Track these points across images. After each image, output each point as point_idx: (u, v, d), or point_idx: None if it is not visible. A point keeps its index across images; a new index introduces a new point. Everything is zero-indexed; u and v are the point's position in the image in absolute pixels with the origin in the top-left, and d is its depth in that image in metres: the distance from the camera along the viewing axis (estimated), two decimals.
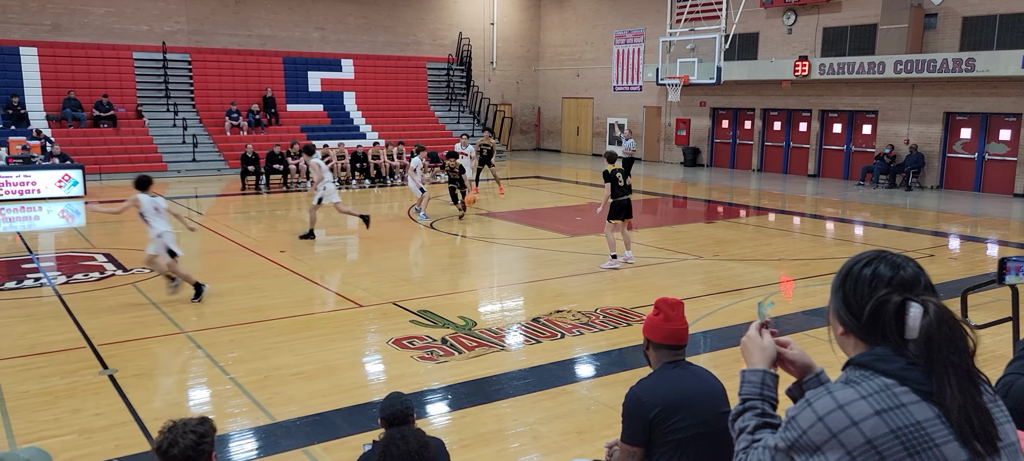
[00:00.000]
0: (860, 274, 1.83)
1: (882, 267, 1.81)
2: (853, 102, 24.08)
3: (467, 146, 19.44)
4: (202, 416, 3.04)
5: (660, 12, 26.17)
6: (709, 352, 7.85)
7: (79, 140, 22.60)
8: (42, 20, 24.53)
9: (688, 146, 28.87)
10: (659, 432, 3.17)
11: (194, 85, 26.42)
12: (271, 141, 22.93)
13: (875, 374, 1.75)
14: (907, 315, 1.75)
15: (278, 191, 20.63)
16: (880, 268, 1.81)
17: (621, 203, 11.56)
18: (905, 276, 1.80)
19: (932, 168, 22.32)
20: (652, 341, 3.35)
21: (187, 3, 26.71)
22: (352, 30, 29.84)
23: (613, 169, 11.55)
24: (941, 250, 13.81)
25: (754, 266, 12.10)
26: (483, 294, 10.48)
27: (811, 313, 9.19)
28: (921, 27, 21.90)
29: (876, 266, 1.82)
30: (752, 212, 18.29)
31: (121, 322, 8.71)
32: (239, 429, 5.99)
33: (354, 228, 14.96)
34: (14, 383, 6.80)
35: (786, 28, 25.42)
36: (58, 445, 5.58)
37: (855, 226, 16.49)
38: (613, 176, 11.48)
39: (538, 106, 35.36)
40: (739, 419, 2.02)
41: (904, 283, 1.79)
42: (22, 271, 11.16)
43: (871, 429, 1.68)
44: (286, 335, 8.29)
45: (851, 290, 1.84)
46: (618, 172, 11.57)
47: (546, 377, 7.14)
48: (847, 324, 1.85)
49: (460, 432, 5.94)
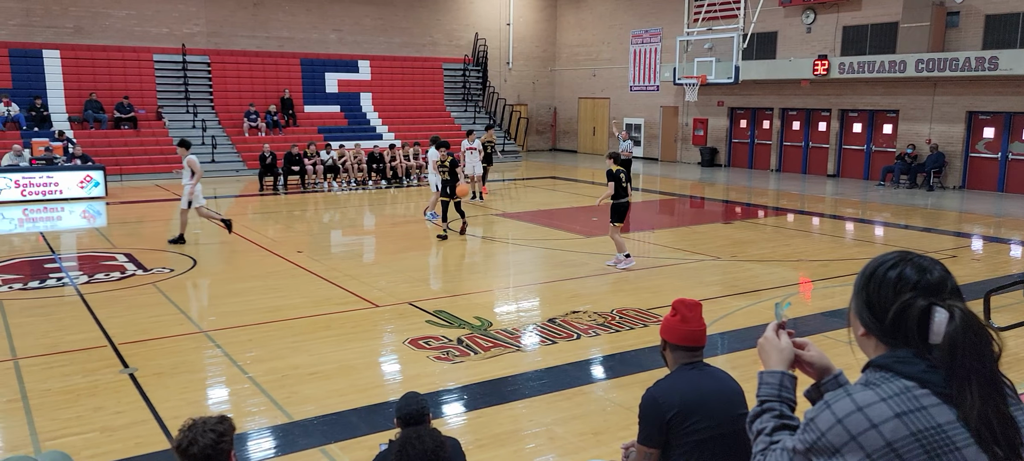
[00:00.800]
0: (885, 276, 1.80)
1: (908, 270, 1.79)
2: (873, 101, 23.87)
3: (474, 141, 19.10)
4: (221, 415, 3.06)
5: (677, 11, 26.06)
6: (727, 353, 7.81)
7: (100, 141, 22.84)
8: (65, 23, 24.82)
9: (706, 146, 28.73)
10: (676, 434, 3.15)
11: (213, 87, 26.62)
12: (289, 142, 23.06)
13: (895, 376, 1.73)
14: (932, 320, 1.73)
15: (296, 192, 20.75)
16: (906, 271, 1.79)
17: (623, 205, 11.59)
18: (932, 280, 1.77)
19: (954, 168, 22.08)
20: (669, 342, 3.33)
21: (206, 6, 26.92)
22: (369, 31, 29.95)
23: (617, 169, 11.57)
24: (963, 251, 13.66)
25: (772, 267, 12.03)
26: (499, 295, 10.49)
27: (830, 315, 9.12)
28: (943, 25, 21.67)
29: (902, 269, 1.79)
30: (770, 212, 18.18)
31: (141, 321, 8.79)
32: (257, 428, 6.02)
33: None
34: (37, 381, 6.88)
35: (805, 27, 25.25)
36: (79, 443, 5.64)
37: (875, 227, 16.35)
38: (617, 176, 11.50)
39: (554, 106, 35.32)
40: (757, 421, 2.01)
41: (930, 287, 1.76)
42: (45, 271, 11.29)
43: (891, 432, 1.66)
44: (303, 335, 8.34)
45: (875, 292, 1.81)
46: (621, 172, 11.59)
47: (562, 378, 7.13)
48: (869, 326, 1.83)
49: (476, 432, 5.94)
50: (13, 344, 7.93)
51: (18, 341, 8.03)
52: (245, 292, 10.16)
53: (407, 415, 3.72)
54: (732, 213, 18.24)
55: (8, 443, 5.76)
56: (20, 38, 24.12)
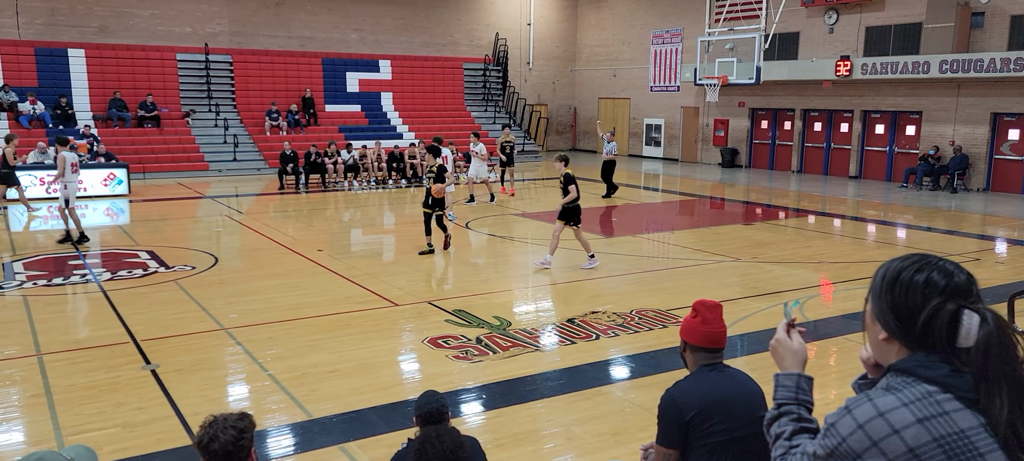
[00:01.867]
0: (911, 280, 1.77)
1: (935, 274, 1.76)
2: (896, 103, 23.62)
3: (478, 145, 18.52)
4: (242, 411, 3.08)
5: (698, 11, 25.93)
6: (747, 355, 7.76)
7: (124, 140, 23.09)
8: (90, 22, 25.13)
9: (726, 147, 28.57)
10: (695, 435, 3.14)
11: (235, 86, 26.84)
12: (310, 141, 23.20)
13: (917, 381, 1.72)
14: (961, 324, 1.71)
15: (317, 191, 20.87)
16: (933, 275, 1.76)
17: (577, 206, 11.48)
18: (958, 283, 1.75)
19: (978, 170, 21.81)
20: (689, 344, 3.33)
21: (229, 5, 27.14)
22: (390, 31, 30.06)
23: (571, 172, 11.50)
24: (987, 254, 13.49)
25: (793, 269, 11.94)
26: (518, 294, 10.49)
27: (851, 317, 9.04)
28: (968, 26, 21.41)
29: (929, 273, 1.76)
30: (791, 214, 18.04)
31: (163, 318, 8.88)
32: (277, 425, 6.06)
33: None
34: (61, 376, 6.97)
35: (827, 27, 25.03)
36: (102, 438, 5.71)
37: (898, 229, 16.18)
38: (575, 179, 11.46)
39: (574, 106, 35.27)
40: (775, 424, 1.99)
41: (957, 290, 1.74)
42: (69, 268, 11.43)
43: (913, 437, 1.64)
44: (323, 333, 8.38)
45: (901, 297, 1.77)
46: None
47: (581, 378, 7.12)
48: (893, 331, 1.80)
49: (494, 432, 5.95)
50: (37, 340, 8.04)
51: (42, 337, 8.13)
52: (266, 290, 10.23)
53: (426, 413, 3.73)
54: (752, 214, 18.12)
55: (32, 437, 5.84)
56: (46, 37, 24.45)
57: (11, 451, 5.61)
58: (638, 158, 31.86)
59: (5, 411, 6.36)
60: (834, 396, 6.49)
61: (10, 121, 22.26)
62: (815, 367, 7.42)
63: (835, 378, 7.11)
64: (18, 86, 23.11)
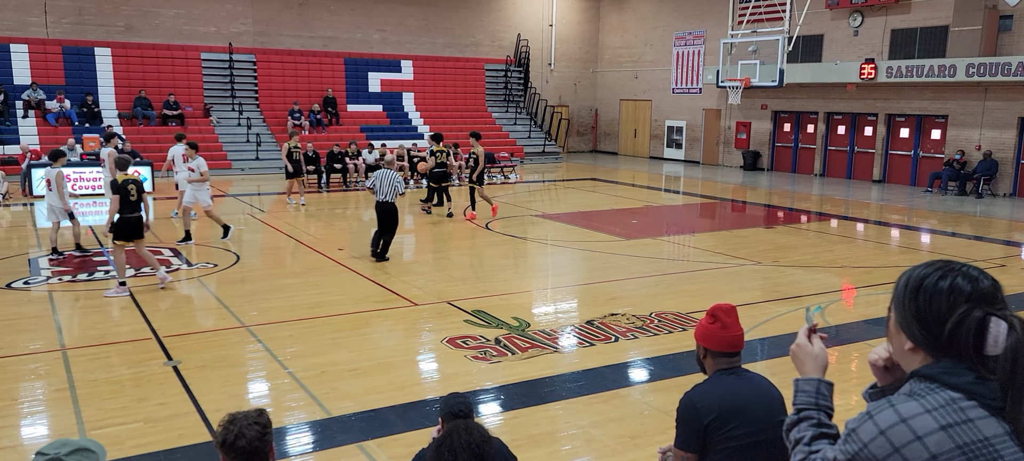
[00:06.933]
0: (936, 287, 1.74)
1: (959, 280, 1.73)
2: (922, 106, 23.35)
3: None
4: (259, 408, 3.09)
5: (721, 13, 25.78)
6: (766, 359, 7.70)
7: (149, 138, 23.35)
8: (116, 21, 25.44)
9: (748, 150, 28.38)
10: (714, 439, 3.12)
11: (258, 85, 27.04)
12: (332, 141, 23.31)
13: (941, 387, 1.69)
14: (988, 331, 1.68)
15: (338, 190, 20.97)
16: (957, 281, 1.73)
17: (131, 220, 9.66)
18: (984, 289, 1.71)
19: (1005, 175, 21.50)
20: (709, 349, 3.31)
21: (253, 5, 27.37)
22: (412, 31, 30.16)
23: (124, 180, 9.59)
24: (1013, 260, 13.30)
25: (815, 273, 11.84)
26: (537, 295, 10.48)
27: (874, 322, 8.94)
28: (995, 29, 21.12)
29: (953, 279, 1.73)
30: (814, 217, 17.89)
31: (185, 315, 8.96)
32: (296, 422, 6.10)
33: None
34: (84, 372, 7.06)
35: (852, 30, 24.79)
36: (124, 433, 5.77)
37: (922, 234, 15.99)
38: (124, 187, 9.54)
39: (595, 108, 35.21)
40: (794, 429, 1.97)
41: (983, 297, 1.71)
42: (94, 264, 11.57)
43: (936, 444, 1.62)
44: (343, 331, 8.42)
45: (926, 305, 1.74)
46: (130, 183, 9.57)
47: (599, 380, 7.10)
48: (918, 339, 1.76)
49: (512, 432, 5.94)
50: (62, 335, 8.15)
51: (66, 332, 8.25)
52: (286, 288, 10.30)
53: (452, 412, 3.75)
54: (774, 217, 17.99)
55: (55, 431, 5.91)
56: (73, 36, 24.78)
57: (35, 444, 5.68)
58: (659, 160, 31.74)
59: (30, 405, 6.45)
60: (855, 402, 6.43)
61: (37, 119, 22.59)
62: (836, 373, 7.35)
63: (856, 384, 7.04)
64: (46, 84, 23.45)
